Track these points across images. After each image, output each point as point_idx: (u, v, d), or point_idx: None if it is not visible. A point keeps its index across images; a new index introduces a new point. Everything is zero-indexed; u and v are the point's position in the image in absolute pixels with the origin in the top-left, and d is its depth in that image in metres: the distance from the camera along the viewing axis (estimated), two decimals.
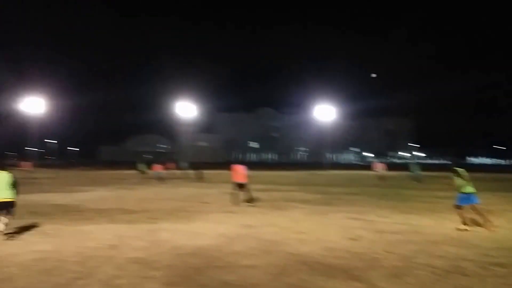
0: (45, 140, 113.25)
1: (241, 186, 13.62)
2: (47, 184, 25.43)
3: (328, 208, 13.11)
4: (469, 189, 9.01)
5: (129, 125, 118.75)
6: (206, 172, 39.10)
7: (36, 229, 9.21)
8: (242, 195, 13.72)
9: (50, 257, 6.64)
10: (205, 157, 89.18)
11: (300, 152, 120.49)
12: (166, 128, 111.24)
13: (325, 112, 61.47)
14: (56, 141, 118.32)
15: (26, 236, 8.43)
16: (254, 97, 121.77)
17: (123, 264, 6.25)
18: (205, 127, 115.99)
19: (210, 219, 10.72)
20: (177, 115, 65.53)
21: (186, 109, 62.05)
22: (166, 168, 35.49)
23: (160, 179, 26.84)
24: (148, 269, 5.98)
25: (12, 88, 55.80)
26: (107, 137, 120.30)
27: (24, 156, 39.87)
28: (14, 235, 8.35)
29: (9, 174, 8.48)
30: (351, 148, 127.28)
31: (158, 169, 27.57)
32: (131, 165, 54.14)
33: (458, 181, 9.14)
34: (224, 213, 11.95)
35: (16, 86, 56.11)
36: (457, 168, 9.23)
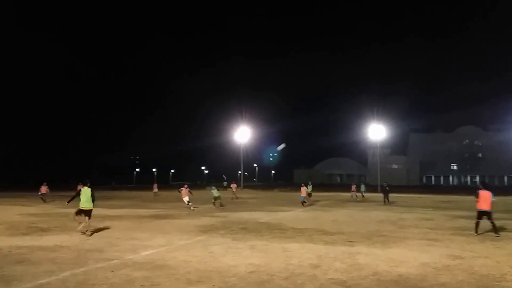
0: (254, 165, 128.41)
1: (485, 214, 11.83)
2: (251, 203, 28.46)
3: None
4: None
5: (321, 148, 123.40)
6: (400, 196, 37.04)
7: (247, 243, 10.38)
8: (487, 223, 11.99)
9: (261, 270, 7.37)
10: (398, 180, 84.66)
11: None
12: (357, 151, 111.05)
13: None
14: (256, 165, 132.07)
15: (241, 249, 9.56)
16: (453, 114, 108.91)
17: (326, 284, 6.45)
18: (398, 149, 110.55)
19: (410, 246, 10.09)
20: (369, 138, 64.74)
21: (377, 131, 60.65)
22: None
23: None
24: None
25: (232, 121, 66.07)
26: (301, 161, 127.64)
27: (235, 178, 46.29)
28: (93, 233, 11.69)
29: (90, 189, 11.59)
30: None
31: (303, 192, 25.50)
32: (322, 188, 55.68)
33: None
34: (426, 240, 11.06)
35: (236, 118, 66.08)
36: None
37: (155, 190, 39.59)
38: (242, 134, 62.77)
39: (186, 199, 22.01)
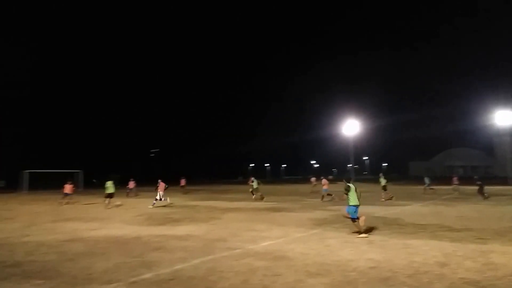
0: (364, 158, 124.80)
1: None
2: (363, 197, 27.42)
3: None
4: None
5: (438, 139, 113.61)
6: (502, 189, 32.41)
7: (363, 238, 10.13)
8: None
9: (382, 266, 7.16)
10: None
11: None
12: (482, 140, 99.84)
13: None
14: (367, 157, 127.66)
15: (358, 244, 9.40)
16: None
17: (457, 284, 6.01)
18: None
19: None
20: (495, 125, 57.63)
21: (506, 117, 53.61)
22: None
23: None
24: None
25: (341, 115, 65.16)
26: (417, 152, 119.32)
27: (344, 172, 45.21)
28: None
29: (113, 182, 20.40)
30: None
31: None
32: (442, 180, 51.38)
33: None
34: None
35: (344, 112, 65.03)
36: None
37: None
38: (351, 127, 61.43)
39: (160, 194, 21.15)
